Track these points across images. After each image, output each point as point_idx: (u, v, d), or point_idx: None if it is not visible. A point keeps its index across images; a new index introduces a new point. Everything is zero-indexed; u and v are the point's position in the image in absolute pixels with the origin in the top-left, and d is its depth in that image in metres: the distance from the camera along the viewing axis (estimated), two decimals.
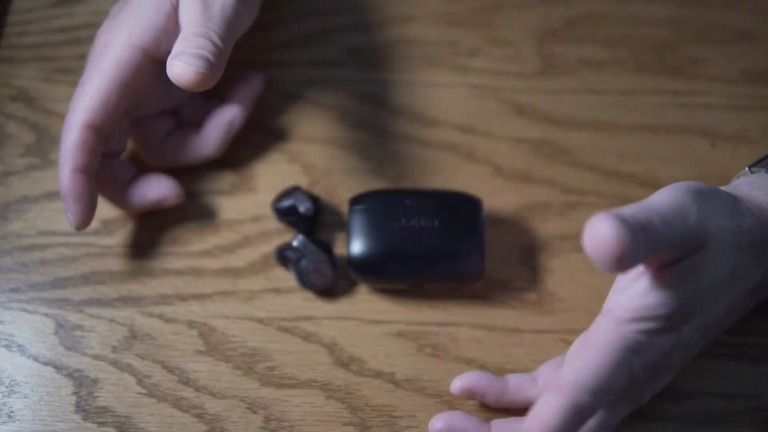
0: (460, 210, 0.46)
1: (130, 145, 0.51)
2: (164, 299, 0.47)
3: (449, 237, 0.45)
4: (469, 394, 0.43)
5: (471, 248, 0.45)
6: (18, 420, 0.44)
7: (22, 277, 0.48)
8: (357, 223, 0.46)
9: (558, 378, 0.37)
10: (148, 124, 0.49)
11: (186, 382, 0.45)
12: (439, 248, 0.45)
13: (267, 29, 0.56)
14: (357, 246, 0.45)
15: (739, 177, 0.45)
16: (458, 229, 0.45)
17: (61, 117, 0.52)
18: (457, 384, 0.43)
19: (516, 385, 0.43)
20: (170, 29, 0.45)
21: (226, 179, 0.51)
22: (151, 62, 0.45)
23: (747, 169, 0.45)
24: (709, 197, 0.38)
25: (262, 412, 0.45)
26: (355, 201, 0.47)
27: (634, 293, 0.38)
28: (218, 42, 0.42)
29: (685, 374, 0.45)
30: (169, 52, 0.43)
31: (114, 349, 0.46)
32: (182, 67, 0.41)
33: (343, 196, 0.50)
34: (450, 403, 0.45)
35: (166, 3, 0.44)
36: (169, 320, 0.47)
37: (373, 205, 0.46)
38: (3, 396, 0.45)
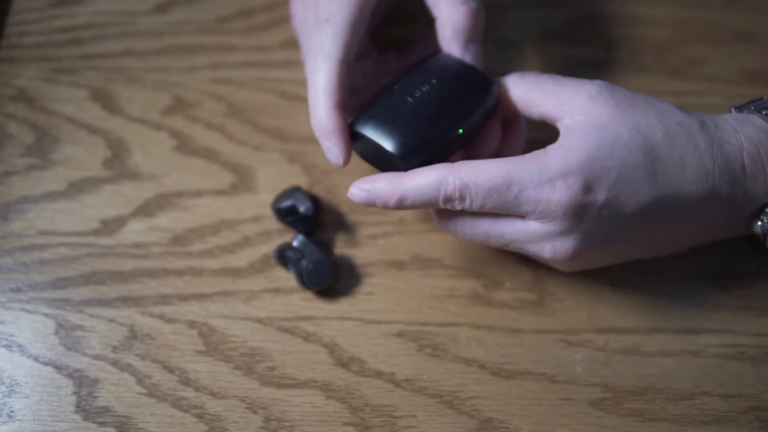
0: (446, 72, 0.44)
1: None
2: (164, 299, 0.47)
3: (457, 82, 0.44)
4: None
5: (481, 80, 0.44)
6: (18, 420, 0.44)
7: (23, 277, 0.48)
8: (375, 128, 0.43)
9: None
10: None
11: (186, 382, 0.45)
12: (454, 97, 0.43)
13: (267, 29, 0.56)
14: (394, 141, 0.42)
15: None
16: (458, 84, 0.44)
17: (62, 117, 0.52)
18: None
19: None
20: None
21: (226, 179, 0.51)
22: None
23: (732, 109, 0.45)
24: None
25: (262, 412, 0.45)
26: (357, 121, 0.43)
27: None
28: None
29: (685, 374, 0.45)
30: None
31: (114, 349, 0.46)
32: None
33: (343, 196, 0.50)
34: (450, 403, 0.45)
35: None
36: (169, 320, 0.47)
37: (375, 107, 0.43)
38: (3, 396, 0.45)
